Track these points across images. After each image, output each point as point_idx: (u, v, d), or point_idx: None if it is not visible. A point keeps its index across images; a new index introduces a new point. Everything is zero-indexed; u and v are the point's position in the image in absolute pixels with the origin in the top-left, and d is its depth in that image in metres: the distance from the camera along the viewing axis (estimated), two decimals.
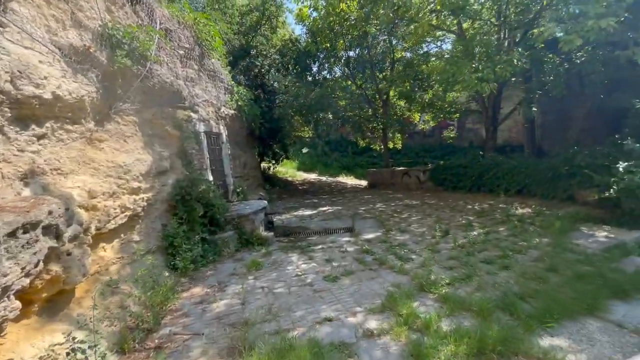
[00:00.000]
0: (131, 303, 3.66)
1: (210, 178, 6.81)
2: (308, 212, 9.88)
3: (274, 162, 16.29)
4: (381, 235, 6.69)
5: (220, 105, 8.93)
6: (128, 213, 4.47)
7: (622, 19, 4.81)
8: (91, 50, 4.10)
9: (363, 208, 9.82)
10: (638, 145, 6.16)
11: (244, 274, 4.93)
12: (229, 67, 11.14)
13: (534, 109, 9.18)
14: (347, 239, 6.63)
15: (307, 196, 13.71)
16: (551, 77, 8.23)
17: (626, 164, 6.19)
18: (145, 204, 4.86)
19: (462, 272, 4.40)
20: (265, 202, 7.69)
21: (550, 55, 8.22)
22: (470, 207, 8.71)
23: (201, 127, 6.70)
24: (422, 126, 18.64)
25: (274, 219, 8.40)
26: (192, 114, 6.56)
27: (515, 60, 6.65)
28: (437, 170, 12.08)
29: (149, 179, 5.01)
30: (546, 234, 5.85)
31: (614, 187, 6.09)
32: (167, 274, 4.76)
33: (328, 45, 13.27)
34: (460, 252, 5.22)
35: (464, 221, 7.21)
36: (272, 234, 6.88)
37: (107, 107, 4.61)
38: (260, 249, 6.18)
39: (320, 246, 6.23)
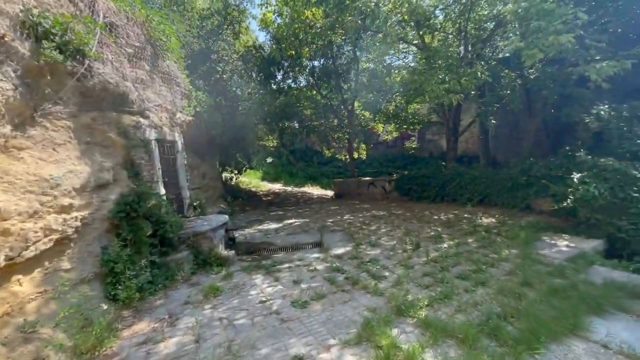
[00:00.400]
0: (51, 352, 2.93)
1: (162, 191, 6.08)
2: (273, 226, 9.33)
3: (236, 172, 15.52)
4: (351, 249, 6.37)
5: (176, 110, 8.19)
6: (55, 236, 3.70)
7: (576, 35, 5.06)
8: (6, 39, 3.37)
9: (331, 220, 9.49)
10: (590, 157, 6.50)
11: (199, 303, 4.31)
12: (187, 71, 10.40)
13: (492, 121, 9.54)
14: (315, 255, 6.21)
15: (272, 208, 13.13)
16: (508, 91, 8.62)
17: (579, 175, 6.49)
18: (79, 224, 4.10)
19: (439, 290, 4.18)
20: (226, 216, 7.06)
21: (507, 71, 8.64)
22: (436, 217, 8.73)
23: (152, 134, 5.98)
24: (386, 137, 18.96)
25: (236, 235, 7.76)
26: (141, 119, 5.84)
27: (479, 73, 6.85)
28: (402, 180, 12.16)
29: (84, 194, 4.26)
30: (513, 244, 5.89)
31: (570, 197, 6.34)
32: (105, 306, 4.02)
33: (293, 52, 12.99)
34: (434, 268, 5.04)
35: (432, 233, 7.14)
36: (233, 252, 6.27)
37: (30, 109, 3.84)
38: (219, 271, 5.57)
39: (287, 265, 5.75)
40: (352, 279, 4.77)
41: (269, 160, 23.02)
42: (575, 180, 6.47)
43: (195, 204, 7.40)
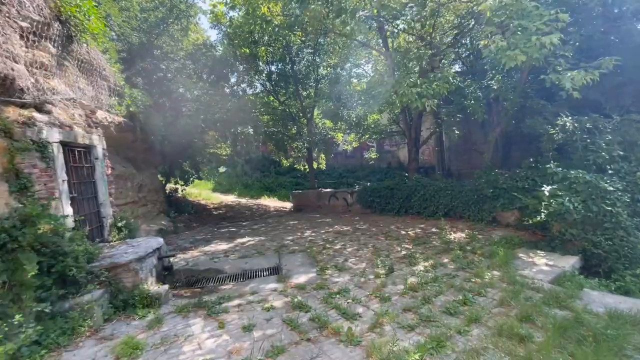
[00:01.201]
0: None
1: (68, 211, 4.61)
2: (223, 246, 8.04)
3: (182, 183, 13.82)
4: (315, 276, 5.39)
5: (99, 108, 6.68)
6: None
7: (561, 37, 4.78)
8: None
9: (290, 237, 8.44)
10: (560, 169, 6.30)
11: None
12: (120, 65, 8.83)
13: (456, 131, 9.31)
14: (273, 285, 5.13)
15: (222, 224, 11.70)
16: (472, 101, 8.43)
17: (550, 187, 6.25)
18: None
19: (428, 332, 3.36)
20: (160, 240, 5.70)
21: (468, 80, 8.47)
22: (404, 232, 8.12)
23: (54, 135, 4.53)
24: (346, 146, 18.48)
25: (175, 261, 6.38)
26: (36, 114, 4.38)
27: (450, 78, 6.43)
28: (365, 192, 11.54)
29: None
30: (492, 264, 5.35)
31: (543, 211, 6.04)
32: None
33: (247, 51, 11.90)
34: (415, 299, 4.24)
35: (403, 252, 6.44)
36: (166, 287, 4.94)
37: None
38: (145, 315, 4.25)
39: (236, 301, 4.60)
40: (320, 319, 3.78)
41: (222, 170, 21.34)
42: (546, 192, 6.21)
43: (120, 224, 5.91)
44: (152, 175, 11.03)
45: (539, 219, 6.13)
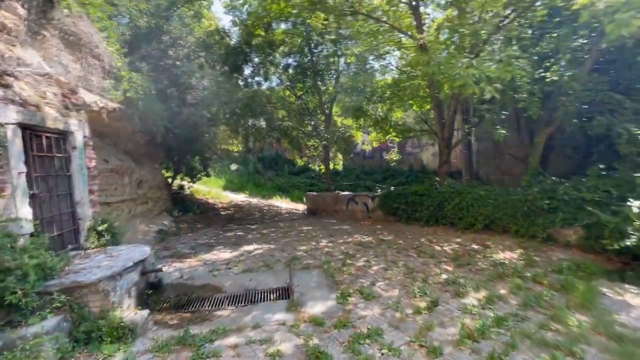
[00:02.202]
0: None
1: (24, 212, 3.60)
2: (226, 254, 6.98)
3: (189, 180, 12.91)
4: (335, 305, 4.23)
5: (90, 90, 5.73)
6: None
7: None
8: None
9: (303, 247, 7.30)
10: None
11: None
12: (119, 46, 7.93)
13: (501, 131, 7.95)
14: (281, 316, 3.99)
15: (229, 226, 10.69)
16: (524, 94, 7.05)
17: None
18: None
19: None
20: (145, 249, 4.66)
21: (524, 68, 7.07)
22: (438, 248, 6.84)
23: (9, 115, 3.53)
24: (366, 146, 17.24)
25: (169, 271, 5.34)
26: None
27: (514, 61, 5.08)
28: (389, 197, 10.28)
29: None
30: (569, 302, 4.05)
31: (634, 233, 4.68)
32: None
33: (262, 33, 10.83)
34: (480, 358, 3.02)
35: (444, 275, 5.19)
36: (146, 312, 3.87)
37: None
38: (112, 354, 3.20)
39: (232, 338, 3.49)
40: None
41: (234, 167, 20.44)
42: (635, 209, 4.84)
43: (101, 227, 4.89)
44: (155, 170, 10.13)
45: (629, 243, 4.75)
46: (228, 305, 4.51)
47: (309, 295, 4.60)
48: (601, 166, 6.46)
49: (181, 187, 13.67)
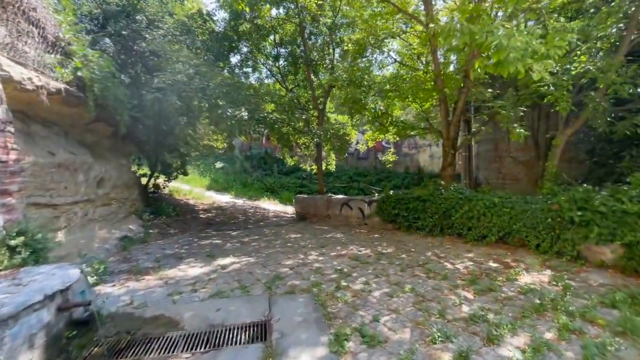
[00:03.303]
0: None
1: None
2: (195, 270, 5.77)
3: (165, 178, 11.61)
4: (328, 357, 3.09)
5: (25, 65, 4.49)
6: None
7: None
8: None
9: (289, 262, 6.15)
10: None
11: None
12: (74, 16, 6.66)
13: (520, 130, 6.93)
14: None
15: (207, 232, 9.46)
16: (550, 87, 6.02)
17: None
18: None
19: None
20: (73, 274, 3.43)
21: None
22: (449, 265, 5.77)
23: None
24: (360, 146, 16.17)
25: (103, 301, 4.10)
26: None
27: (568, 35, 3.84)
28: (387, 202, 9.20)
29: None
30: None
31: None
32: None
33: (247, 10, 9.63)
34: None
35: (465, 306, 4.10)
36: None
37: None
38: None
39: None
40: None
41: (219, 165, 19.10)
42: None
43: (14, 241, 3.64)
44: (122, 167, 8.81)
45: None
46: (183, 350, 3.33)
47: (292, 336, 3.45)
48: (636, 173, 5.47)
49: (157, 186, 12.36)
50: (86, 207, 7.17)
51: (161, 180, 11.77)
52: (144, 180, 11.84)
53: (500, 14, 6.52)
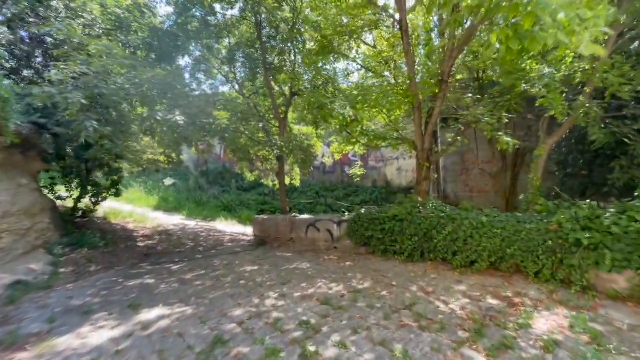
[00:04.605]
0: None
1: None
2: (100, 337, 4.07)
3: (92, 198, 9.57)
4: None
5: None
6: None
7: None
8: None
9: (238, 313, 4.65)
10: None
11: None
12: None
13: (506, 139, 6.14)
14: None
15: (141, 267, 7.61)
16: (542, 89, 5.27)
17: None
18: None
19: None
20: None
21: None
22: (442, 306, 4.62)
23: None
24: (326, 159, 15.06)
25: None
26: None
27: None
28: (359, 223, 8.02)
29: None
30: None
31: None
32: None
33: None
34: None
35: None
36: None
37: None
38: None
39: None
40: None
41: (168, 182, 16.96)
42: None
43: None
44: (20, 189, 6.80)
45: None
46: None
47: None
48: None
49: (88, 210, 10.19)
50: None
51: (86, 202, 9.68)
52: (70, 203, 9.70)
53: None
